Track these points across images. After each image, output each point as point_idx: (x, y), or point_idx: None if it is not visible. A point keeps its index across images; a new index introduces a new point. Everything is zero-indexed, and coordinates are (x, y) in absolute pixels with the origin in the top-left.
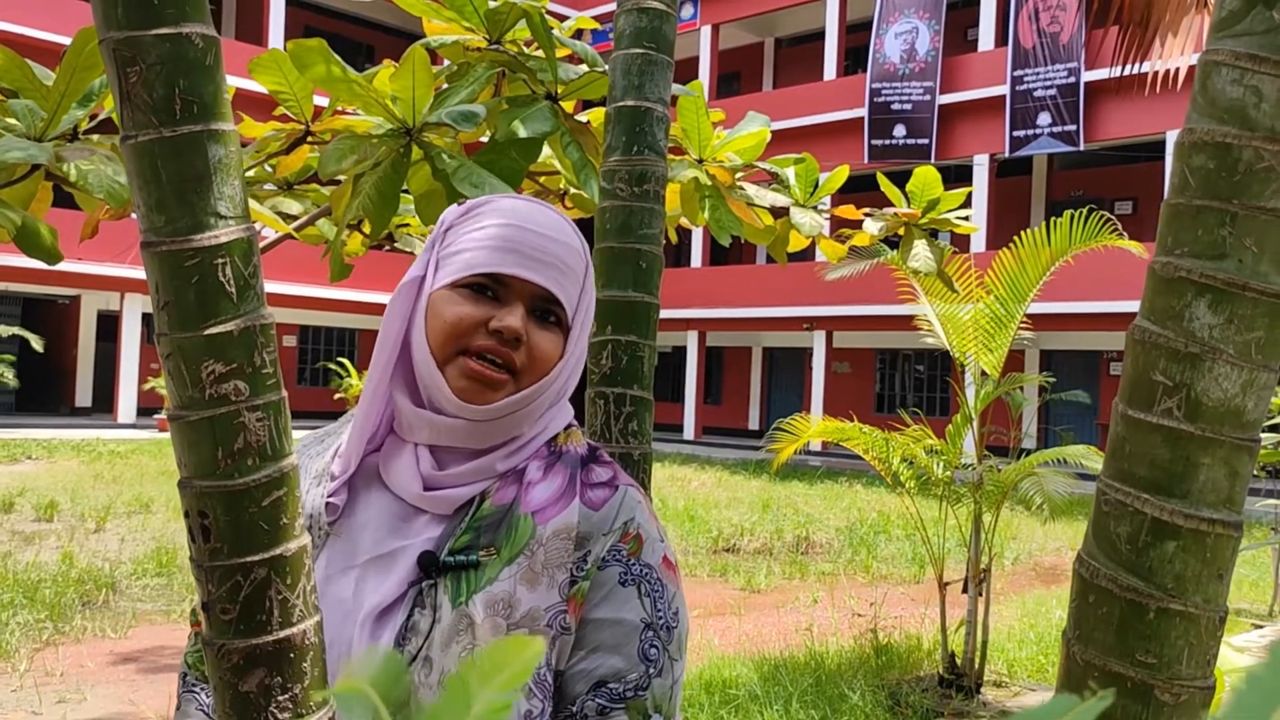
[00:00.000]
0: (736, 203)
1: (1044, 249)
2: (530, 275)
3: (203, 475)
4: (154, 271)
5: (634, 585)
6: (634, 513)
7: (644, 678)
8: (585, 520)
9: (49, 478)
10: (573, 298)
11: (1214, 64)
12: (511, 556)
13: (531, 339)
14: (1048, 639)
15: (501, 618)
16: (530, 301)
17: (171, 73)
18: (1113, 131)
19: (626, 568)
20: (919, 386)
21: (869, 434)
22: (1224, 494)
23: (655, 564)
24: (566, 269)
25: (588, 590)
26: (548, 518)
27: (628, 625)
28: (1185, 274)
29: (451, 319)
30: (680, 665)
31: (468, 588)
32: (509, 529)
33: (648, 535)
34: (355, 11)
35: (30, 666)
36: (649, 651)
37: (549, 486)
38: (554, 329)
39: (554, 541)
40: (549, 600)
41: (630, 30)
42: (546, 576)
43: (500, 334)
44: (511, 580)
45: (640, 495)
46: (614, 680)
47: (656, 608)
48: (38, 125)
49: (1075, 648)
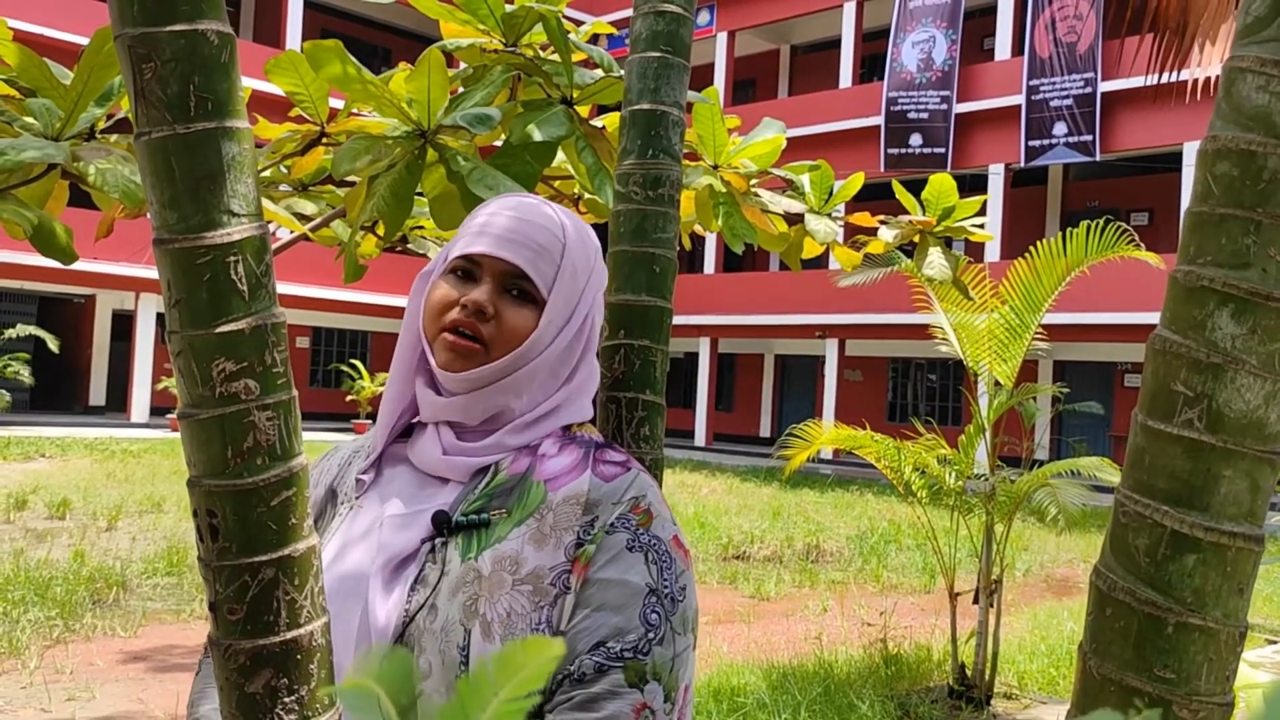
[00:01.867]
0: (751, 209)
1: (1060, 259)
2: (498, 252)
3: (212, 474)
4: (166, 269)
5: (641, 552)
6: (645, 491)
7: (644, 641)
8: (595, 489)
9: (62, 476)
10: (545, 274)
11: (1239, 70)
12: (522, 518)
13: (502, 313)
14: (1059, 651)
15: (507, 573)
16: (501, 279)
17: (186, 69)
18: (1129, 142)
19: (635, 535)
20: (931, 395)
21: (881, 442)
22: (1245, 507)
23: (665, 538)
24: (538, 247)
25: (593, 553)
26: (559, 485)
27: (632, 587)
28: (1208, 283)
29: (434, 300)
30: (685, 641)
31: (478, 544)
32: (521, 494)
33: (658, 513)
34: (372, 14)
35: (40, 664)
36: (650, 616)
37: (564, 459)
38: (527, 304)
39: (564, 506)
40: (554, 560)
41: (647, 33)
42: (554, 538)
43: (466, 307)
44: (520, 540)
45: (652, 481)
46: (613, 639)
47: (663, 576)
48: (55, 124)
49: (1092, 661)
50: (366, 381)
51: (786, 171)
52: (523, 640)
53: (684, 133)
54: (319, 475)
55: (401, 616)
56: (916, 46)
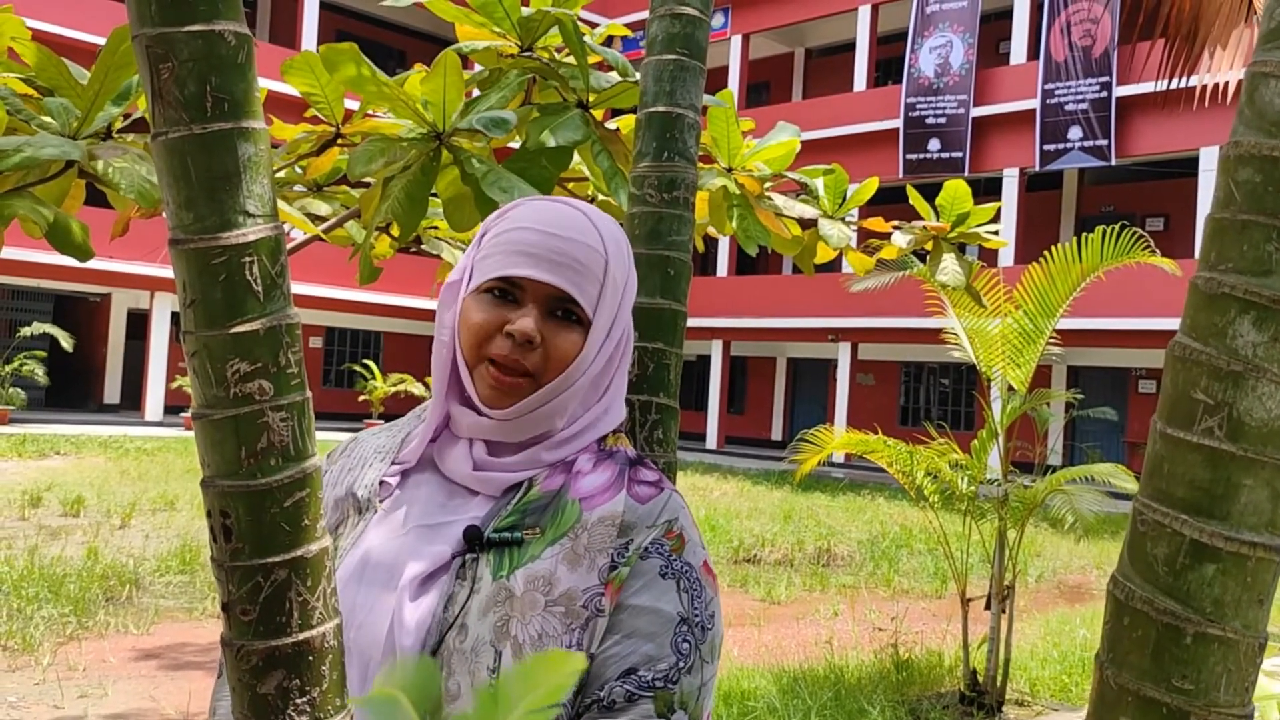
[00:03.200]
0: (764, 212)
1: (1075, 265)
2: (541, 276)
3: (225, 475)
4: (181, 269)
5: (674, 579)
6: (678, 514)
7: (674, 670)
8: (630, 510)
9: (76, 473)
10: (590, 294)
11: (1262, 75)
12: (555, 537)
13: (549, 339)
14: (1071, 658)
15: (540, 594)
16: (546, 302)
17: (204, 70)
18: (1144, 147)
19: (668, 562)
20: (944, 400)
21: (893, 446)
22: (1266, 517)
23: (696, 565)
24: (581, 267)
25: (626, 577)
26: (594, 505)
27: (664, 616)
28: (1229, 290)
29: (473, 325)
30: (711, 670)
31: (510, 563)
32: (555, 512)
33: (690, 538)
34: (387, 16)
35: (53, 660)
36: (682, 645)
37: (598, 477)
38: (573, 327)
39: (598, 527)
40: (588, 582)
41: (663, 36)
42: (588, 559)
43: (513, 337)
44: (553, 560)
45: (683, 503)
46: (644, 667)
47: (694, 605)
48: (72, 123)
49: (1109, 671)
50: (379, 382)
51: (801, 175)
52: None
53: (699, 135)
54: (339, 473)
55: (429, 635)
56: (934, 52)
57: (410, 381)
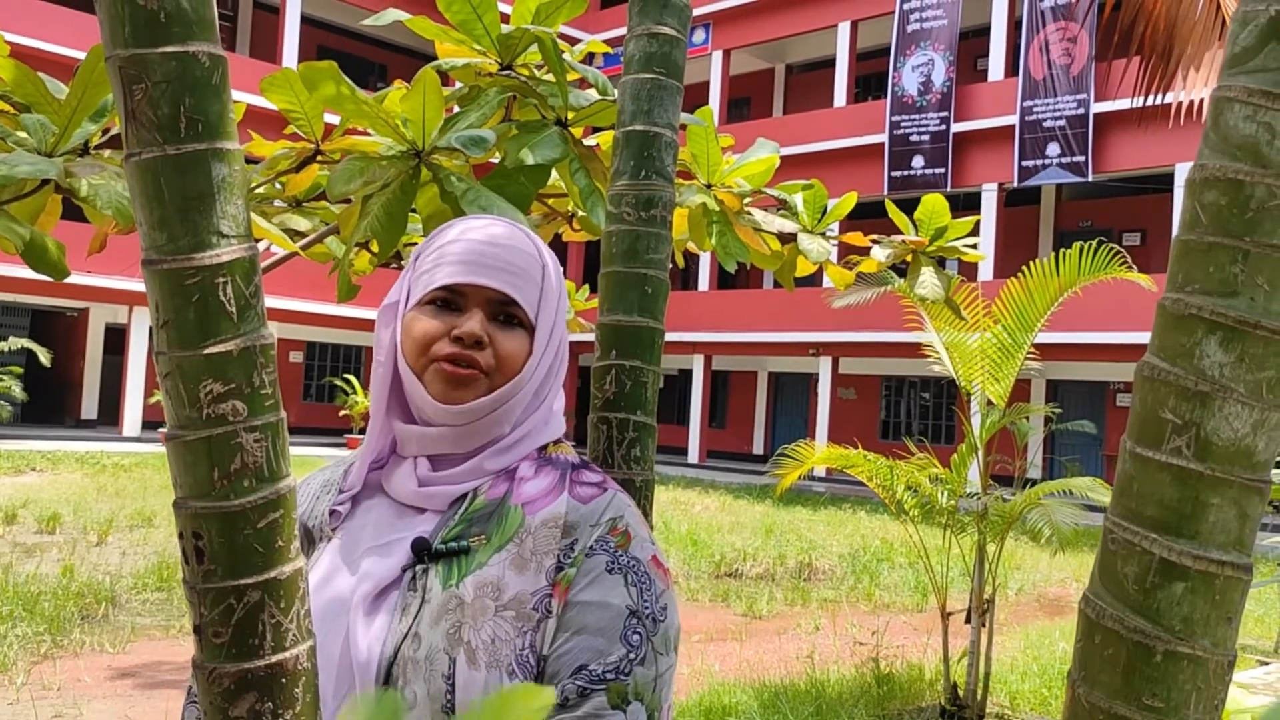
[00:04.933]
0: (744, 228)
1: (1052, 280)
2: (483, 280)
3: (198, 496)
4: (154, 290)
5: (620, 574)
6: (622, 511)
7: (625, 661)
8: (573, 511)
9: (52, 490)
10: (531, 298)
11: (1226, 100)
12: (501, 544)
13: (495, 341)
14: (1051, 671)
15: (490, 599)
16: (489, 307)
17: (177, 91)
18: (1122, 163)
19: (613, 557)
20: (924, 414)
21: (873, 461)
22: (1234, 535)
23: (644, 559)
24: (519, 270)
25: (574, 576)
26: (537, 508)
27: (612, 610)
28: (1196, 311)
29: (418, 334)
30: (667, 661)
31: (459, 571)
32: (500, 519)
33: (636, 534)
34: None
35: (28, 680)
36: (631, 637)
37: (540, 482)
38: (517, 329)
39: (542, 530)
40: (536, 585)
41: (640, 55)
42: (535, 562)
43: (461, 339)
44: (501, 565)
45: (629, 501)
46: (595, 661)
47: (643, 598)
48: (49, 140)
49: (1080, 689)
50: (360, 397)
51: (779, 191)
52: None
53: (677, 154)
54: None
55: (385, 646)
56: (916, 70)
57: None
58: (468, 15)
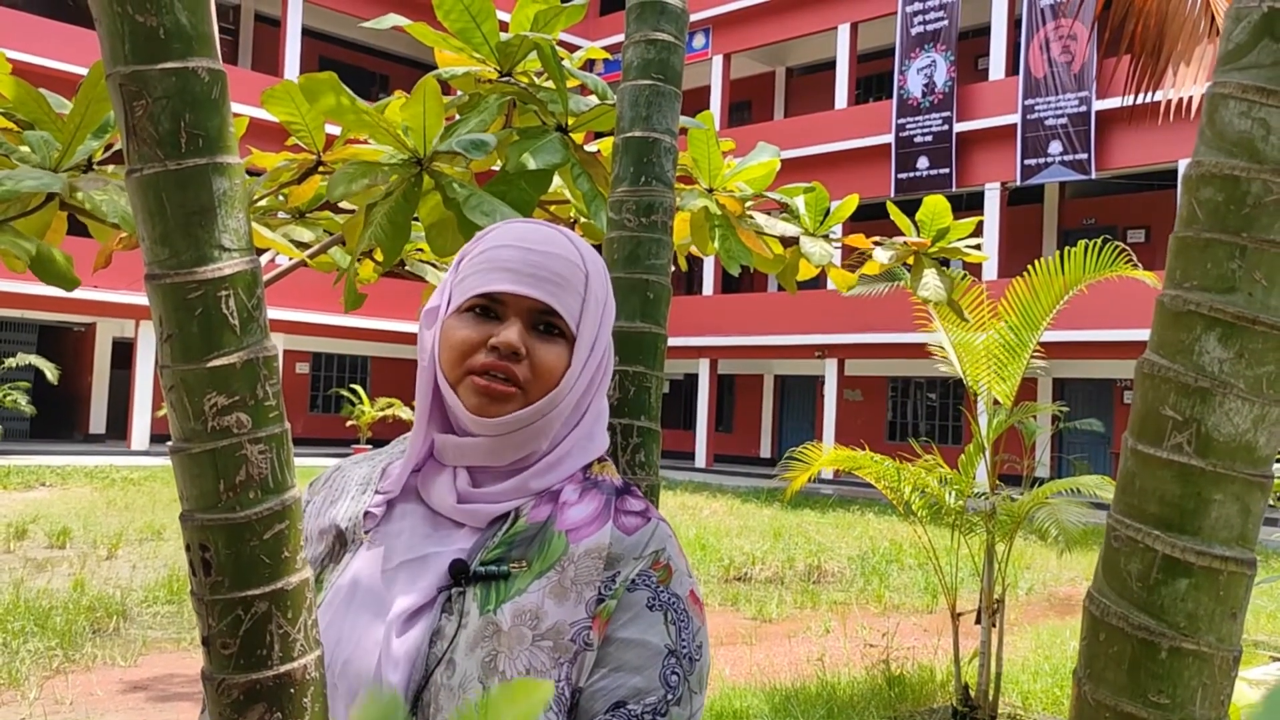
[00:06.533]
0: (746, 232)
1: (1057, 278)
2: (522, 290)
3: (204, 508)
4: (158, 304)
5: (661, 611)
6: (665, 544)
7: (663, 703)
8: (618, 542)
9: (62, 505)
10: (572, 308)
11: (1221, 96)
12: (542, 571)
13: (533, 352)
14: (1063, 671)
15: (528, 628)
16: (529, 316)
17: (178, 107)
18: (1124, 160)
19: (655, 594)
20: (931, 414)
21: (880, 462)
22: (1236, 531)
23: (683, 595)
24: (561, 280)
25: (614, 610)
26: (581, 537)
27: (652, 648)
28: (1194, 307)
29: (456, 342)
30: (700, 700)
31: (497, 597)
32: (541, 544)
33: (677, 568)
34: (370, 42)
35: (40, 694)
36: (670, 678)
37: (585, 508)
38: (557, 340)
39: (585, 560)
40: (575, 615)
41: (638, 62)
42: (575, 592)
43: (498, 350)
44: (540, 593)
45: (670, 532)
46: (633, 701)
47: (681, 637)
48: (53, 156)
49: (1086, 687)
50: (366, 407)
51: (781, 194)
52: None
53: (676, 159)
54: (321, 504)
55: (416, 669)
56: (920, 72)
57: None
58: (466, 23)
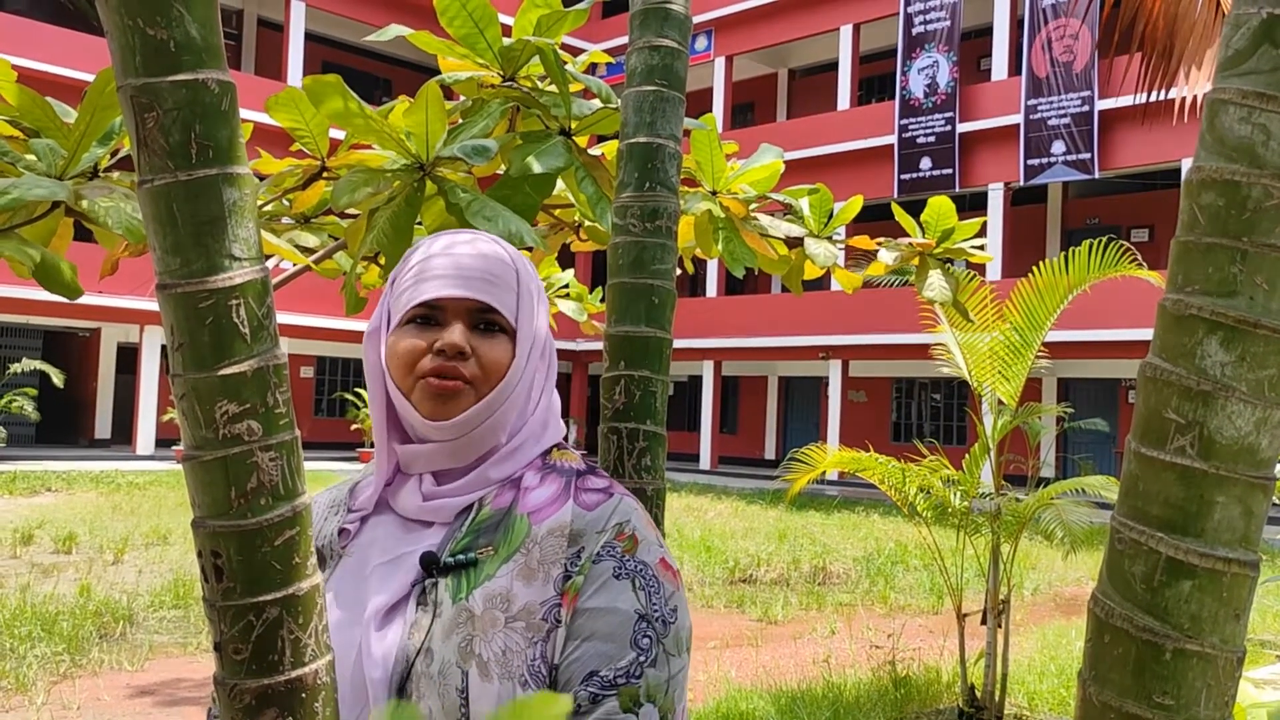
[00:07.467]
0: (750, 234)
1: (1062, 279)
2: (459, 292)
3: (216, 515)
4: (169, 313)
5: (628, 579)
6: (629, 516)
7: (635, 665)
8: (579, 519)
9: (68, 510)
10: (509, 303)
11: (1221, 102)
12: (509, 554)
13: (478, 349)
14: (1069, 671)
15: (500, 611)
16: (468, 317)
17: (188, 118)
18: (1127, 159)
19: (620, 563)
20: (936, 415)
21: (885, 464)
22: (1239, 533)
23: (651, 562)
24: (494, 278)
25: (581, 584)
26: (543, 517)
27: (620, 614)
28: (1196, 311)
29: (401, 352)
30: (679, 663)
31: (467, 584)
32: (506, 529)
33: (643, 538)
34: (373, 47)
35: (47, 699)
36: (641, 641)
37: (545, 491)
38: (499, 336)
39: (548, 539)
40: (544, 595)
41: (642, 67)
42: (542, 572)
43: (444, 352)
44: (509, 576)
45: (636, 504)
46: (605, 667)
47: (652, 601)
48: (58, 163)
49: (1091, 688)
50: None
51: (785, 196)
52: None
53: (680, 164)
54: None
55: (397, 662)
56: (923, 73)
57: None
58: (470, 29)
